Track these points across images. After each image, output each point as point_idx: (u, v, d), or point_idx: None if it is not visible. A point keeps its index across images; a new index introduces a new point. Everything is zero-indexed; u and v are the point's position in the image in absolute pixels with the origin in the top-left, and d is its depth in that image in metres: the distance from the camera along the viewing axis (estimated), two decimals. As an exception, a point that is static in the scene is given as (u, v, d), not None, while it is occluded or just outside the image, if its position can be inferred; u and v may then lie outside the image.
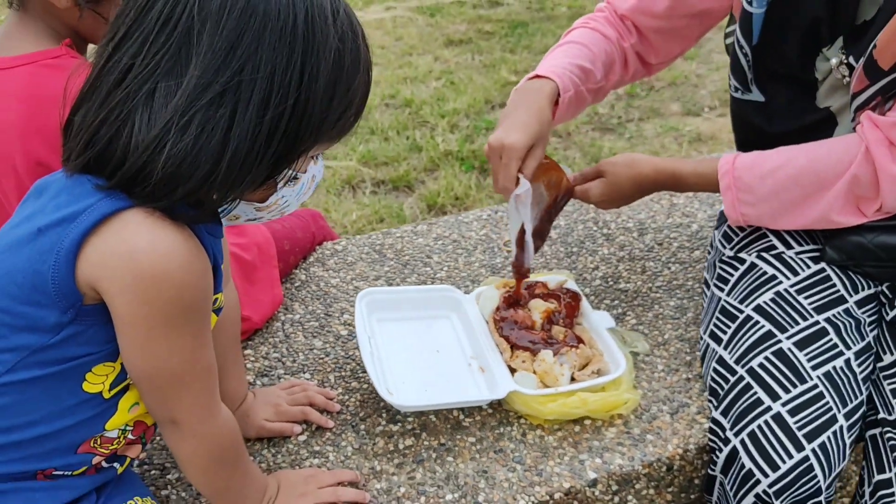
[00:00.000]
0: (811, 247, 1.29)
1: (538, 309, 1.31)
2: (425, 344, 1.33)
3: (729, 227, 1.40)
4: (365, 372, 1.27)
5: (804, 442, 1.08)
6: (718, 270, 1.35)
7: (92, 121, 0.80)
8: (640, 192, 1.38)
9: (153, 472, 1.14)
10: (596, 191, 1.37)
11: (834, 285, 1.24)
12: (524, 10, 4.87)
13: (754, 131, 1.34)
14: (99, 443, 0.92)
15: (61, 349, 0.85)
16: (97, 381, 0.88)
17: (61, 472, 0.92)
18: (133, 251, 0.80)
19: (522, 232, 1.30)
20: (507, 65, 4.06)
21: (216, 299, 0.96)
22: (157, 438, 1.17)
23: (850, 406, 1.12)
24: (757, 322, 1.21)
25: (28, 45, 1.12)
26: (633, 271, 1.55)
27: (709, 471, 1.18)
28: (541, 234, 1.36)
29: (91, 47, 1.19)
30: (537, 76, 1.32)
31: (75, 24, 1.13)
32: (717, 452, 1.14)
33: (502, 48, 4.31)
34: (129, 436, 0.95)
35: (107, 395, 0.90)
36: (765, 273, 1.27)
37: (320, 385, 1.29)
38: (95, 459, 0.93)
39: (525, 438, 1.19)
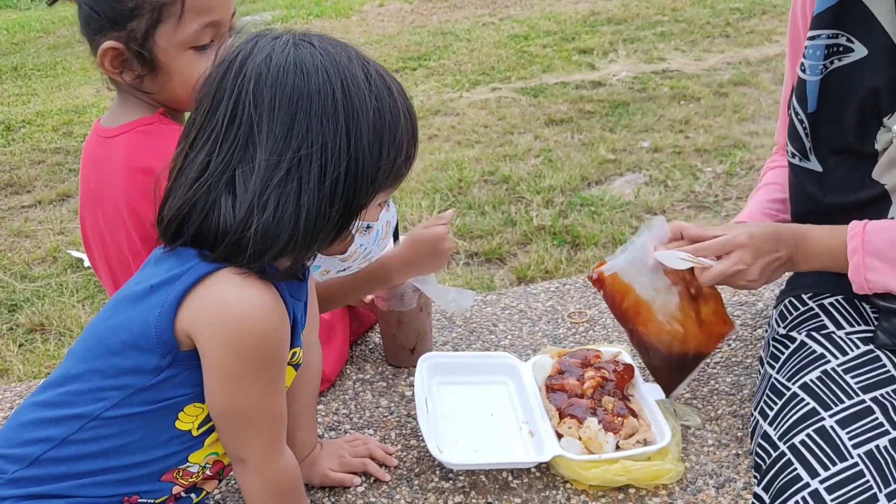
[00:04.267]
0: (862, 328, 1.30)
1: (588, 378, 1.37)
2: (481, 407, 1.40)
3: (785, 306, 1.42)
4: (423, 431, 1.36)
5: (841, 521, 1.08)
6: (771, 348, 1.37)
7: (179, 212, 0.96)
8: (776, 244, 1.24)
9: (224, 510, 1.26)
10: (737, 257, 1.21)
11: (884, 365, 1.24)
12: (626, 91, 4.97)
13: (809, 201, 1.36)
14: (181, 474, 1.05)
15: (159, 390, 0.98)
16: (188, 419, 1.02)
17: (144, 501, 1.04)
18: (222, 304, 0.94)
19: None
20: (605, 143, 4.15)
21: (294, 353, 1.07)
22: (233, 482, 1.29)
23: (893, 486, 1.12)
24: (802, 399, 1.23)
25: (126, 117, 1.29)
26: (693, 346, 1.58)
27: (751, 546, 1.19)
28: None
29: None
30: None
31: (153, 92, 1.27)
32: (758, 528, 1.16)
33: (602, 127, 4.40)
34: (208, 472, 1.08)
35: (195, 433, 1.03)
36: (814, 352, 1.28)
37: (382, 441, 1.38)
38: (175, 489, 1.06)
39: (569, 503, 1.24)
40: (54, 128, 5.04)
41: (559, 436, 1.30)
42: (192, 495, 1.10)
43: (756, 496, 1.19)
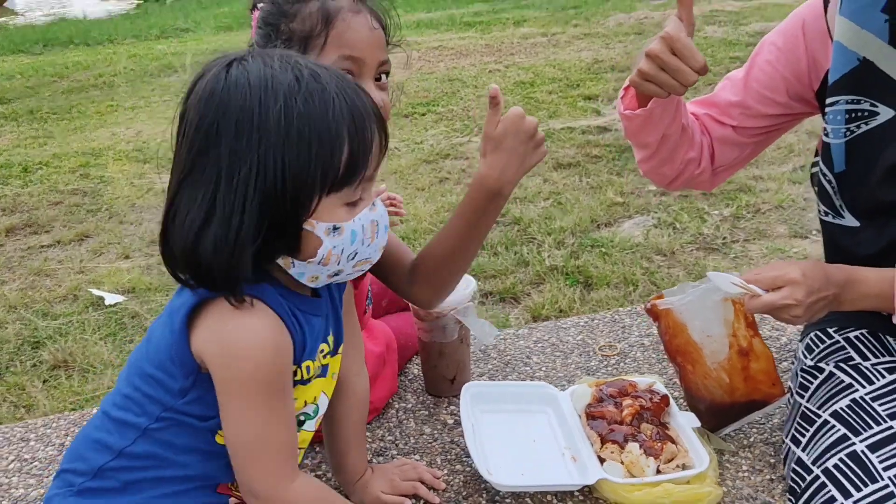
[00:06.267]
0: (887, 358, 1.37)
1: (627, 406, 1.44)
2: (523, 433, 1.47)
3: (811, 339, 1.50)
4: (468, 456, 1.42)
5: (877, 539, 1.14)
6: (800, 379, 1.44)
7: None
8: (826, 284, 1.26)
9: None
10: (787, 292, 1.23)
11: (909, 394, 1.31)
12: (632, 136, 5.09)
13: (842, 254, 1.41)
14: (235, 487, 1.11)
15: (190, 409, 1.05)
16: None
17: None
18: (222, 333, 1.00)
19: None
20: (613, 187, 4.24)
21: (308, 367, 1.10)
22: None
23: (924, 507, 1.18)
24: (833, 426, 1.29)
25: None
26: (721, 378, 1.65)
27: (788, 566, 1.24)
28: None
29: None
30: None
31: None
32: (795, 548, 1.21)
33: (609, 171, 4.50)
34: None
35: None
36: (842, 382, 1.35)
37: (429, 466, 1.44)
38: (232, 501, 1.12)
39: (612, 524, 1.30)
40: (71, 170, 5.13)
41: (601, 461, 1.36)
42: None
43: (792, 518, 1.25)
